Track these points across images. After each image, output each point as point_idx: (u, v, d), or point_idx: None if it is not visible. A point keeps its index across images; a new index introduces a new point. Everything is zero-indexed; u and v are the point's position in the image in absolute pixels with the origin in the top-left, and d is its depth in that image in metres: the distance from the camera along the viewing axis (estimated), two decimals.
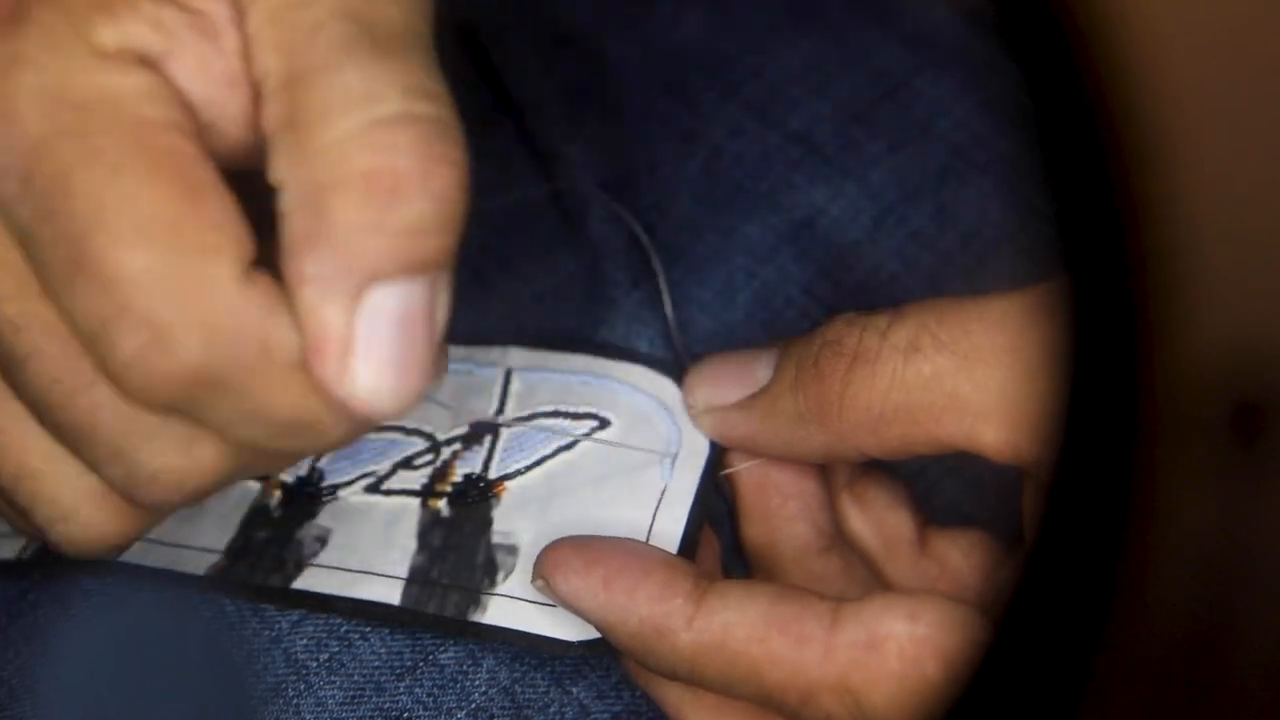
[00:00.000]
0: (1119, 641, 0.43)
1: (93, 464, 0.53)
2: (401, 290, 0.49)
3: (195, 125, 0.50)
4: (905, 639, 0.53)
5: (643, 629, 0.56)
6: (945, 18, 0.71)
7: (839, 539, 0.63)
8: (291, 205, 0.49)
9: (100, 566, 0.63)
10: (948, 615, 0.54)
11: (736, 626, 0.55)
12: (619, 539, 0.59)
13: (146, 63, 0.50)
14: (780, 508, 0.62)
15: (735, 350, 0.63)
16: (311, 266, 0.49)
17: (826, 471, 0.63)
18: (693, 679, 0.56)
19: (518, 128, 0.71)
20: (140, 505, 0.54)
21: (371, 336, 0.49)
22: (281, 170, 0.49)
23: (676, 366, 0.64)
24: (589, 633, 0.59)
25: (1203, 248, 0.39)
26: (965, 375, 0.55)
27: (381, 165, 0.49)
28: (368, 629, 0.61)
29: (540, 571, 0.58)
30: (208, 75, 0.51)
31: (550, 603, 0.59)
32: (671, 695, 0.59)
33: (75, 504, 0.54)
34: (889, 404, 0.57)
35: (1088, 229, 0.39)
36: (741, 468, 0.62)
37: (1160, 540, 0.42)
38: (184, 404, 0.50)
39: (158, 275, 0.48)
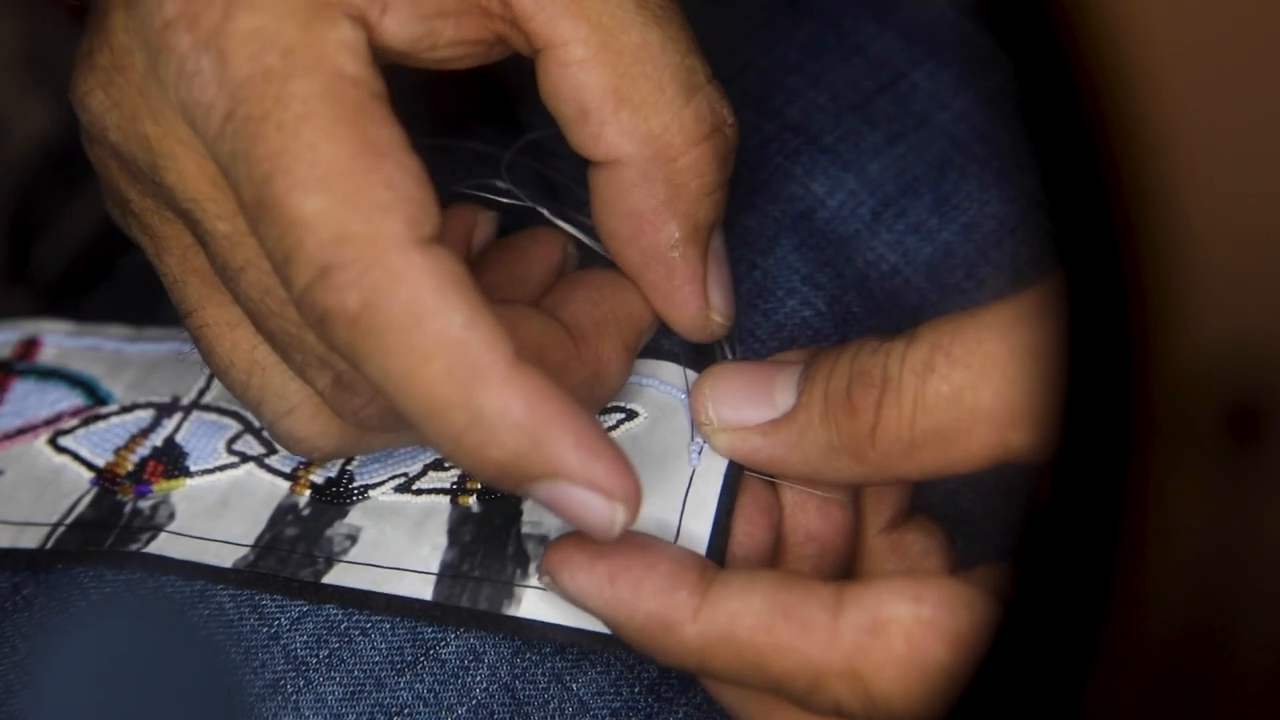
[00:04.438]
0: (1116, 639, 0.43)
1: (301, 369, 0.57)
2: (719, 231, 0.62)
3: (387, 90, 0.54)
4: (910, 622, 0.53)
5: (649, 623, 0.55)
6: (943, 9, 0.71)
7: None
8: (637, 179, 0.59)
9: (125, 558, 0.63)
10: (953, 596, 0.53)
11: (742, 616, 0.55)
12: (623, 533, 0.59)
13: (359, 17, 0.54)
14: (798, 546, 0.62)
15: (744, 363, 0.62)
16: (677, 230, 0.60)
17: (859, 509, 0.63)
18: (701, 671, 0.56)
19: (512, 123, 0.71)
20: (343, 417, 0.58)
21: (714, 271, 0.62)
22: (619, 146, 0.59)
23: (706, 360, 0.64)
24: None
25: (1198, 250, 0.39)
26: (984, 386, 0.55)
27: (718, 134, 0.60)
28: (368, 625, 0.61)
29: (546, 568, 0.57)
30: (421, 13, 0.56)
31: None
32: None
33: (299, 399, 0.59)
34: (918, 429, 0.56)
35: (1083, 233, 0.39)
36: (775, 479, 0.62)
37: (1156, 540, 0.42)
38: (346, 348, 0.52)
39: (327, 221, 0.51)
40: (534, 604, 0.59)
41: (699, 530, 0.60)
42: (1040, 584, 0.44)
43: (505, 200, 0.64)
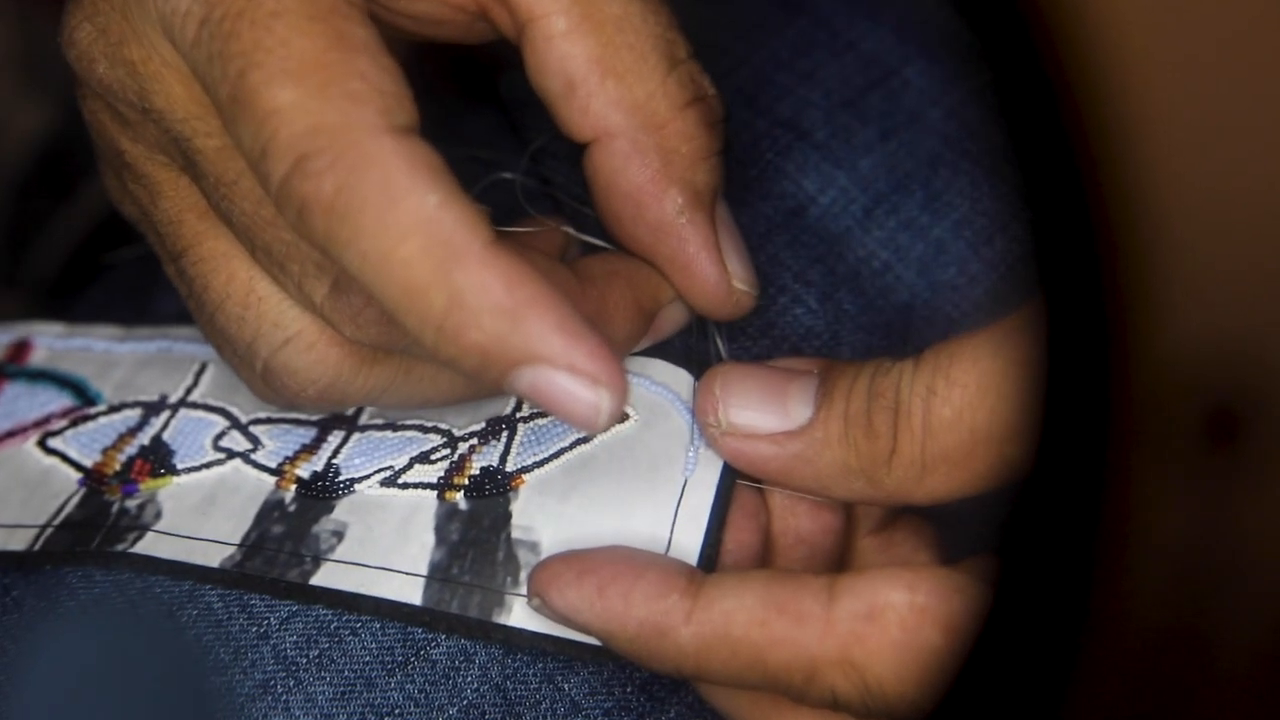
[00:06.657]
0: (1099, 639, 0.43)
1: (299, 283, 0.58)
2: (724, 203, 0.62)
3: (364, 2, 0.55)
4: (905, 608, 0.53)
5: (642, 631, 0.55)
6: (934, 7, 0.71)
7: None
8: (630, 150, 0.60)
9: (112, 558, 0.63)
10: (945, 583, 0.53)
11: (736, 613, 0.54)
12: (609, 547, 0.58)
13: None
14: (788, 549, 0.62)
15: (754, 366, 0.62)
16: (679, 196, 0.60)
17: (849, 511, 0.62)
18: (698, 674, 0.56)
19: (503, 117, 0.71)
20: (343, 328, 0.58)
21: (726, 238, 0.62)
22: (608, 117, 0.59)
23: (696, 357, 0.64)
24: None
25: (1177, 255, 0.39)
26: (981, 407, 0.55)
27: (701, 102, 0.60)
28: (358, 625, 0.61)
29: (535, 590, 0.57)
30: None
31: None
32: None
33: (296, 328, 0.59)
34: (928, 454, 0.56)
35: (1062, 237, 0.39)
36: (763, 486, 0.61)
37: (1137, 540, 0.42)
38: (324, 237, 0.52)
39: (301, 111, 0.52)
40: (525, 613, 0.59)
41: (690, 544, 0.60)
42: (1023, 585, 0.44)
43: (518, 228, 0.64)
